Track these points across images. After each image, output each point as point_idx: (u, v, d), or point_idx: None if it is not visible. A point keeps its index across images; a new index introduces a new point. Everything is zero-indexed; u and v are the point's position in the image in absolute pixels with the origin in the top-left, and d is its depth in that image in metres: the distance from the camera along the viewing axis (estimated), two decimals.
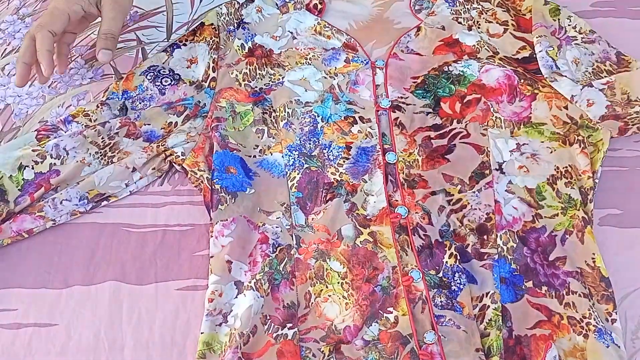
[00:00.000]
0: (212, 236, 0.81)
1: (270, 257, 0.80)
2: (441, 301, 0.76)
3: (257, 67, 0.94)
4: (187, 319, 0.79)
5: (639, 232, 0.84)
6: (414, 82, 0.93)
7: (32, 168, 0.86)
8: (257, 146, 0.89)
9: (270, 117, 0.91)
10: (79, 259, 0.84)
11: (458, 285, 0.77)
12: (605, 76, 0.91)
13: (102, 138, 0.88)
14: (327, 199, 0.84)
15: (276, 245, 0.81)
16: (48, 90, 0.97)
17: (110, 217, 0.87)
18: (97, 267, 0.83)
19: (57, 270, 0.83)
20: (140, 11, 1.05)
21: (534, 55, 0.93)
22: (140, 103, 0.92)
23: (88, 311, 0.80)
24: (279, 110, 0.91)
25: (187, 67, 0.94)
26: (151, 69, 0.94)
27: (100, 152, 0.88)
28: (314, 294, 0.78)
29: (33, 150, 0.86)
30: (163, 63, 0.94)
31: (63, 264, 0.83)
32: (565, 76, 0.90)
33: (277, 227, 0.82)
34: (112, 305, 0.80)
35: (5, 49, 1.02)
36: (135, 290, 0.81)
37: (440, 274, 0.78)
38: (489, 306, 0.75)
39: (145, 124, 0.90)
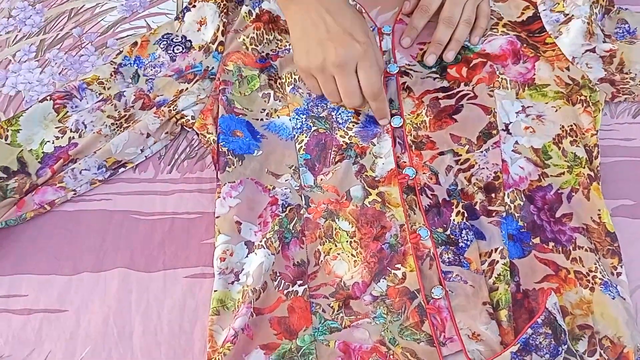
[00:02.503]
0: (218, 197, 0.82)
1: (280, 217, 0.81)
2: (448, 258, 0.77)
3: (264, 31, 0.95)
4: (195, 307, 0.79)
5: None
6: (421, 50, 0.94)
7: (53, 143, 0.87)
8: (264, 110, 0.90)
9: (276, 84, 0.92)
10: (88, 246, 0.84)
11: (465, 242, 0.78)
12: (598, 12, 0.91)
13: (119, 111, 0.90)
14: (336, 160, 0.85)
15: (286, 205, 0.82)
16: (58, 77, 0.97)
17: (119, 204, 0.87)
18: (106, 254, 0.83)
19: (67, 256, 0.83)
20: None
21: (538, 14, 0.94)
22: (151, 70, 0.93)
23: (97, 298, 0.80)
24: (285, 77, 0.92)
25: (198, 30, 0.95)
26: (165, 37, 0.95)
27: (116, 124, 0.89)
28: (324, 252, 0.79)
29: (56, 128, 0.88)
30: (176, 31, 0.96)
31: (72, 251, 0.83)
32: (572, 17, 0.90)
33: (286, 188, 0.83)
34: (120, 292, 0.80)
35: (17, 36, 1.01)
36: (143, 277, 0.81)
37: (448, 232, 0.79)
38: (497, 261, 0.76)
39: (158, 95, 0.92)
